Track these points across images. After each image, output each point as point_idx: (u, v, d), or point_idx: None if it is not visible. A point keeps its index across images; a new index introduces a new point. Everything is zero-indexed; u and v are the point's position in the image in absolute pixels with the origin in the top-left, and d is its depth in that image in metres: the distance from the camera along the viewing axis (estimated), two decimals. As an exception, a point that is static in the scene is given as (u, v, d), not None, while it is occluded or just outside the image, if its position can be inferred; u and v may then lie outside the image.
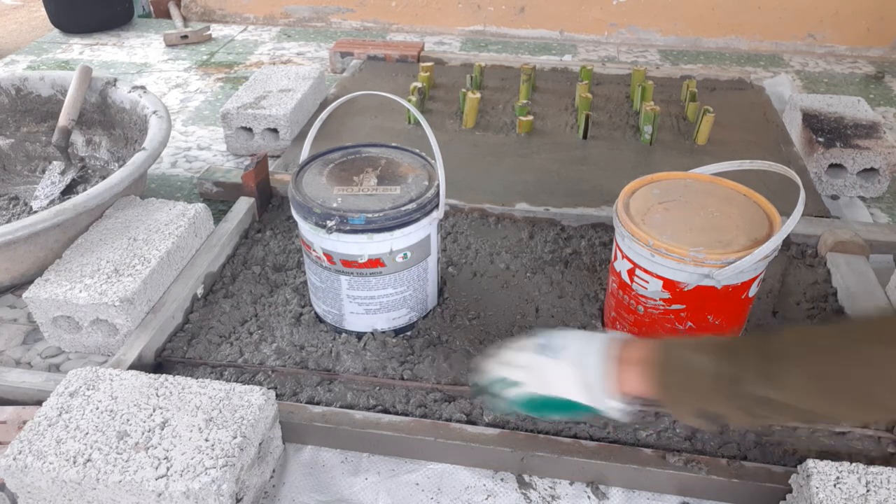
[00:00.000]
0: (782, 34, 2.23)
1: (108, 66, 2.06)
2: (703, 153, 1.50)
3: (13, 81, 1.42)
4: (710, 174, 0.94)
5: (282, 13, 2.45)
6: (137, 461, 0.71)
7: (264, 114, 1.49)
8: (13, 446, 0.73)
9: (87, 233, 1.06)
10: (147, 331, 0.95)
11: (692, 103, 1.61)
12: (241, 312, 1.03)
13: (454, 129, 1.59)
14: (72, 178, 1.33)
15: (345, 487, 0.81)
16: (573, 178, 1.40)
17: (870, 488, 0.72)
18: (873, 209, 1.37)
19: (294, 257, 1.14)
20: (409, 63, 1.94)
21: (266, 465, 0.80)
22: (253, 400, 0.78)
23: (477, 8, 2.35)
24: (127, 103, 1.36)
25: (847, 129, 1.43)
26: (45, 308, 0.95)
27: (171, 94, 1.86)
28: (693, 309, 0.86)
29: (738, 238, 0.83)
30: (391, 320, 0.97)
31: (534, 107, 1.67)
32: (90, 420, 0.76)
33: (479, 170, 1.43)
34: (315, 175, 0.93)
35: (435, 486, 0.81)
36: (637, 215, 0.87)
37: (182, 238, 1.06)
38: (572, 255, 1.15)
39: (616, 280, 0.93)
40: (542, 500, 0.80)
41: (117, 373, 0.82)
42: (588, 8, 2.28)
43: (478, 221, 1.24)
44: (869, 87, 1.97)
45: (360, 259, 0.89)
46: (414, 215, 0.87)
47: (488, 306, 1.04)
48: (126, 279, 0.96)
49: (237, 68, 2.05)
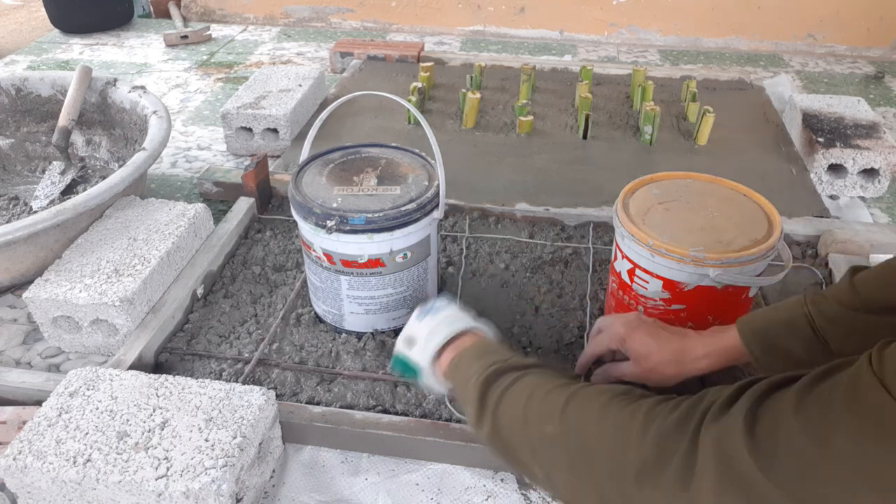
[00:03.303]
0: (782, 34, 2.23)
1: (108, 66, 2.06)
2: (703, 153, 1.50)
3: (13, 81, 1.42)
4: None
5: (282, 13, 2.45)
6: (137, 461, 0.71)
7: (264, 114, 1.49)
8: (13, 446, 0.73)
9: (87, 233, 1.06)
10: (147, 331, 0.95)
11: (692, 103, 1.61)
12: (240, 312, 1.03)
13: (454, 129, 1.59)
14: (72, 178, 1.33)
15: (345, 487, 0.81)
16: (573, 178, 1.40)
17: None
18: (873, 209, 1.37)
19: (294, 257, 1.14)
20: (409, 63, 1.94)
21: (266, 465, 0.80)
22: (253, 400, 0.78)
23: (477, 8, 2.35)
24: (127, 103, 1.36)
25: (847, 130, 1.43)
26: (45, 308, 0.95)
27: (171, 94, 1.86)
28: (693, 309, 0.86)
29: (738, 238, 0.83)
30: (391, 320, 0.97)
31: (534, 107, 1.67)
32: (90, 420, 0.76)
33: (479, 170, 1.43)
34: (315, 175, 0.93)
35: (435, 486, 0.81)
36: (637, 215, 0.87)
37: (182, 238, 1.06)
38: (572, 255, 1.15)
39: (616, 280, 0.93)
40: (542, 500, 0.80)
41: (117, 373, 0.82)
42: (588, 8, 2.28)
43: (478, 221, 1.24)
44: (869, 87, 1.97)
45: (360, 259, 0.89)
46: (414, 215, 0.87)
47: (488, 306, 1.04)
48: (126, 279, 0.96)
49: (237, 68, 2.05)
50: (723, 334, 0.78)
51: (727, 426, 0.44)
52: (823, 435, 0.40)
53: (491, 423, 0.61)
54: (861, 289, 0.69)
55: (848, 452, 0.39)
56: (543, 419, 0.56)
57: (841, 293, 0.71)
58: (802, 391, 0.42)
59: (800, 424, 0.41)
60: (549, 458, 0.56)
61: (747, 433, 0.42)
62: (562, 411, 0.55)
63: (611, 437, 0.51)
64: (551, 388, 0.59)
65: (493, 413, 0.61)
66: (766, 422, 0.42)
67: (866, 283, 0.69)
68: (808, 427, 0.41)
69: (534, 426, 0.57)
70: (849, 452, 0.39)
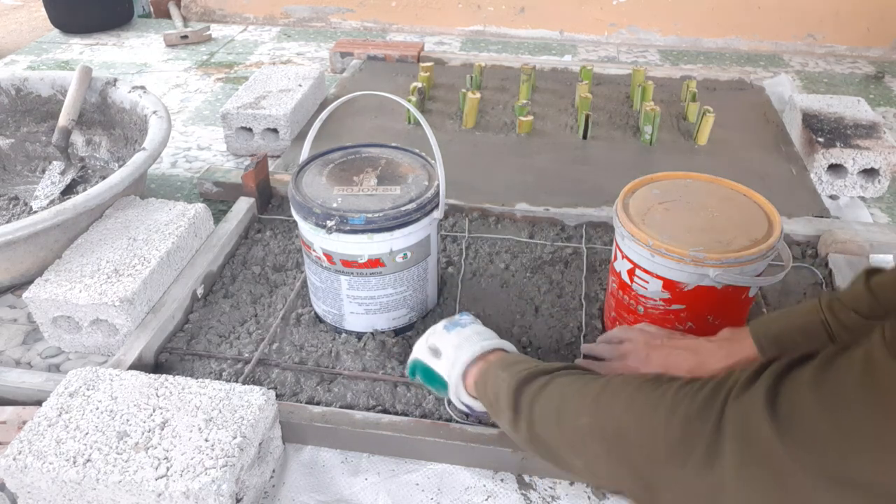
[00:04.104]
0: (782, 34, 2.23)
1: (108, 66, 2.06)
2: (703, 153, 1.50)
3: (13, 81, 1.42)
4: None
5: (282, 13, 2.45)
6: (137, 461, 0.71)
7: (264, 114, 1.49)
8: (13, 446, 0.73)
9: (87, 233, 1.06)
10: (147, 331, 0.95)
11: (692, 103, 1.61)
12: (240, 312, 1.03)
13: (454, 129, 1.59)
14: (72, 178, 1.33)
15: (345, 487, 0.81)
16: (573, 178, 1.40)
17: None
18: (873, 209, 1.37)
19: (294, 257, 1.14)
20: (409, 63, 1.94)
21: (266, 465, 0.80)
22: (253, 400, 0.78)
23: (477, 8, 2.35)
24: (127, 103, 1.36)
25: (847, 130, 1.43)
26: (45, 308, 0.95)
27: (171, 94, 1.86)
28: (693, 309, 0.86)
29: (738, 238, 0.83)
30: (391, 320, 0.97)
31: (534, 107, 1.67)
32: (90, 420, 0.76)
33: (479, 170, 1.43)
34: (315, 175, 0.93)
35: (435, 486, 0.81)
36: (637, 215, 0.87)
37: (182, 238, 1.06)
38: (572, 255, 1.15)
39: (616, 280, 0.93)
40: (542, 500, 0.80)
41: (117, 373, 0.82)
42: (588, 8, 2.28)
43: (478, 221, 1.24)
44: (869, 87, 1.97)
45: (360, 259, 0.89)
46: (414, 215, 0.87)
47: (488, 306, 1.04)
48: (126, 279, 0.96)
49: (237, 68, 2.05)
50: (739, 344, 0.77)
51: (749, 402, 0.45)
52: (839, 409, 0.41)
53: (527, 425, 0.63)
54: (879, 293, 0.69)
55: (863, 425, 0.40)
56: (578, 412, 0.58)
57: (858, 299, 0.70)
58: (820, 367, 0.43)
59: (817, 399, 0.42)
60: (587, 449, 0.57)
61: (768, 408, 0.43)
62: (595, 402, 0.57)
63: (641, 422, 0.53)
64: (582, 383, 0.61)
65: (528, 416, 0.63)
66: (786, 397, 0.43)
67: (884, 288, 0.68)
68: (825, 401, 0.41)
69: (569, 421, 0.59)
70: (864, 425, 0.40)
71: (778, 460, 0.42)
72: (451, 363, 0.75)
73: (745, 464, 0.44)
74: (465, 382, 0.74)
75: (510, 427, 0.66)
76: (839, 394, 0.41)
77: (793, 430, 0.42)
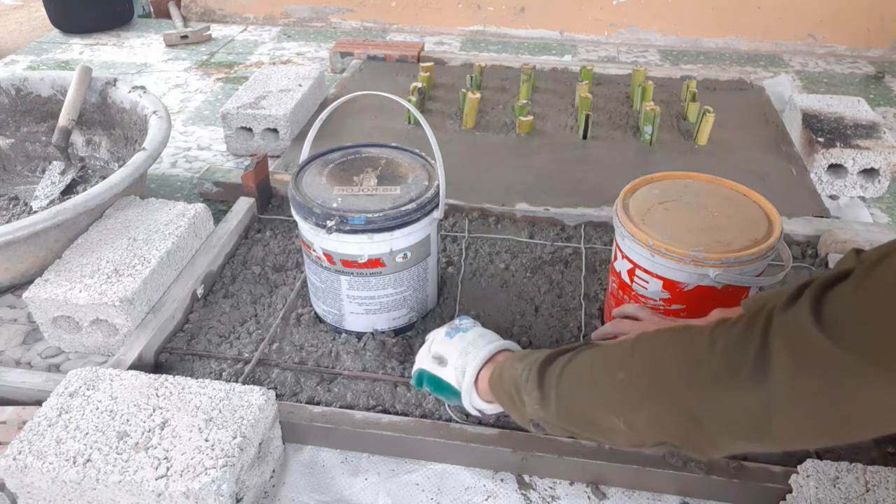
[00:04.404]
0: (782, 34, 2.23)
1: (108, 66, 2.06)
2: (703, 153, 1.50)
3: (13, 81, 1.42)
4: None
5: (282, 13, 2.45)
6: (137, 461, 0.71)
7: (264, 114, 1.49)
8: (13, 446, 0.73)
9: (87, 233, 1.06)
10: (147, 331, 0.95)
11: (692, 103, 1.61)
12: (240, 312, 1.03)
13: (454, 129, 1.59)
14: (72, 178, 1.33)
15: (345, 487, 0.81)
16: (573, 178, 1.40)
17: (869, 487, 0.72)
18: (873, 209, 1.37)
19: (294, 257, 1.14)
20: (409, 63, 1.94)
21: (266, 465, 0.80)
22: (253, 400, 0.78)
23: (477, 8, 2.35)
24: (127, 103, 1.36)
25: (847, 130, 1.43)
26: (45, 308, 0.95)
27: (171, 94, 1.86)
28: (693, 309, 0.86)
29: (738, 238, 0.83)
30: (391, 320, 0.97)
31: (534, 107, 1.67)
32: (90, 420, 0.76)
33: (479, 170, 1.43)
34: (315, 175, 0.93)
35: (435, 486, 0.81)
36: (637, 215, 0.87)
37: (182, 238, 1.06)
38: (572, 255, 1.15)
39: (616, 280, 0.93)
40: (542, 500, 0.80)
41: (117, 373, 0.82)
42: (588, 8, 2.28)
43: (478, 221, 1.24)
44: (869, 87, 1.97)
45: (360, 259, 0.89)
46: (414, 215, 0.87)
47: (488, 306, 1.04)
48: (126, 279, 0.96)
49: (237, 68, 2.05)
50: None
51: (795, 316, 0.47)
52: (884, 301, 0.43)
53: (556, 399, 0.62)
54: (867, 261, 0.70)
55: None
56: (613, 371, 0.58)
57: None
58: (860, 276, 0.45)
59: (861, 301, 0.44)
60: (626, 403, 0.58)
61: (814, 316, 0.45)
62: (630, 356, 0.58)
63: (683, 357, 0.54)
64: (609, 348, 0.62)
65: (556, 390, 0.62)
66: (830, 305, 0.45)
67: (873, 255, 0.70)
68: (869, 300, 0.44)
69: (604, 381, 0.59)
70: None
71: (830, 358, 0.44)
72: (461, 370, 0.74)
73: (798, 370, 0.46)
74: (478, 387, 0.74)
75: (539, 406, 0.64)
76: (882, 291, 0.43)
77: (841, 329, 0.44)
